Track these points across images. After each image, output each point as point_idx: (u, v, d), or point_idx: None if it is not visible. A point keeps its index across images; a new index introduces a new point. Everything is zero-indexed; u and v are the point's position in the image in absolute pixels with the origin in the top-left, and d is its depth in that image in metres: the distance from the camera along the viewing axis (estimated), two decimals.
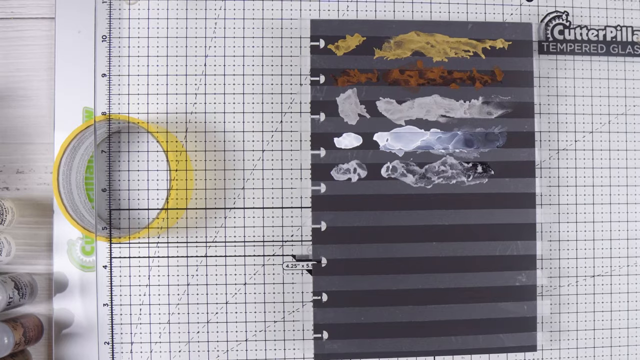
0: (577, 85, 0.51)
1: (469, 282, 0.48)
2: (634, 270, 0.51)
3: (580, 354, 0.50)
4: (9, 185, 0.48)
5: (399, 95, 0.49)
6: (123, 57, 0.48)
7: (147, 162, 0.48)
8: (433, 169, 0.49)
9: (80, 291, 0.47)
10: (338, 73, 0.49)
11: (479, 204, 0.49)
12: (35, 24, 0.49)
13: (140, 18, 0.49)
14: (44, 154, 0.48)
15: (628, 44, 0.51)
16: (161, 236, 0.48)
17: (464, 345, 0.48)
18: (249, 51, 0.49)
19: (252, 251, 0.48)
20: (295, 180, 0.49)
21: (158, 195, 0.48)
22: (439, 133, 0.49)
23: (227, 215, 0.48)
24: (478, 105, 0.49)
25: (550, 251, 0.50)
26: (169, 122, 0.48)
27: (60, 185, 0.44)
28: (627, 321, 0.50)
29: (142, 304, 0.48)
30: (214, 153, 0.49)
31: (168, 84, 0.48)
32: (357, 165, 0.49)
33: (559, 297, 0.50)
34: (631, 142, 0.51)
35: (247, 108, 0.49)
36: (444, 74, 0.49)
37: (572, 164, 0.50)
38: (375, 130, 0.49)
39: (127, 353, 0.47)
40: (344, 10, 0.50)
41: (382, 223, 0.48)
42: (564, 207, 0.50)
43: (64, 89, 0.48)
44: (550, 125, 0.50)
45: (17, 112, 0.49)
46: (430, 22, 0.50)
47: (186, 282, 0.48)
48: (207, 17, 0.49)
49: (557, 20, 0.50)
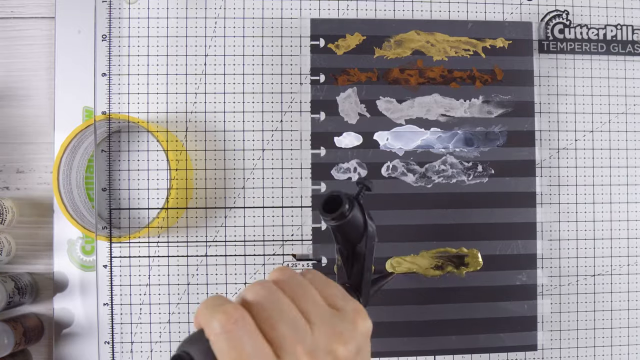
0: (577, 84, 0.51)
1: (469, 281, 0.48)
2: (634, 269, 0.50)
3: (581, 353, 0.50)
4: (9, 185, 0.48)
5: (399, 95, 0.49)
6: (123, 56, 0.48)
7: (147, 161, 0.48)
8: (433, 168, 0.49)
9: (81, 291, 0.47)
10: (338, 72, 0.49)
11: (479, 203, 0.49)
12: (35, 24, 0.49)
13: (140, 18, 0.48)
14: (44, 154, 0.48)
15: (628, 43, 0.51)
16: (161, 236, 0.48)
17: (464, 344, 0.48)
18: (249, 51, 0.49)
19: (252, 250, 0.48)
20: (295, 179, 0.49)
21: (158, 194, 0.48)
22: (439, 132, 0.49)
23: (227, 215, 0.48)
24: (478, 105, 0.49)
25: (550, 250, 0.50)
26: (169, 121, 0.48)
27: (61, 185, 0.44)
28: (627, 320, 0.50)
29: (142, 304, 0.48)
30: (214, 153, 0.49)
31: (168, 83, 0.48)
32: (357, 165, 0.49)
33: (560, 296, 0.50)
34: (631, 141, 0.51)
35: (247, 108, 0.49)
36: (444, 73, 0.49)
37: (572, 163, 0.50)
38: (376, 129, 0.49)
39: (127, 353, 0.47)
40: (344, 10, 0.50)
41: (382, 222, 0.48)
42: (564, 206, 0.50)
43: (64, 89, 0.48)
44: (550, 124, 0.50)
45: (17, 112, 0.49)
46: (430, 21, 0.50)
47: (186, 281, 0.48)
48: (207, 17, 0.49)
49: (557, 19, 0.50)
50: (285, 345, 0.25)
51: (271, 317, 0.26)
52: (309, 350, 0.26)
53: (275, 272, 0.29)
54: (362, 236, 0.35)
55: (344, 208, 0.33)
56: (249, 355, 0.25)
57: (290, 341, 0.26)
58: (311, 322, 0.27)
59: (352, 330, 0.28)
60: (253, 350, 0.25)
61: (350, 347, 0.27)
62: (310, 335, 0.26)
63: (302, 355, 0.25)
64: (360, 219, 0.35)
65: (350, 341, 0.27)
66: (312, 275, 0.30)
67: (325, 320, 0.27)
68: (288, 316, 0.26)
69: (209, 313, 0.26)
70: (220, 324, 0.25)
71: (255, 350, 0.25)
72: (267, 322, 0.26)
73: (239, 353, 0.25)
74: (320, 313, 0.28)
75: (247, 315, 0.26)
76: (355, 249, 0.36)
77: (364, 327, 0.29)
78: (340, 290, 0.30)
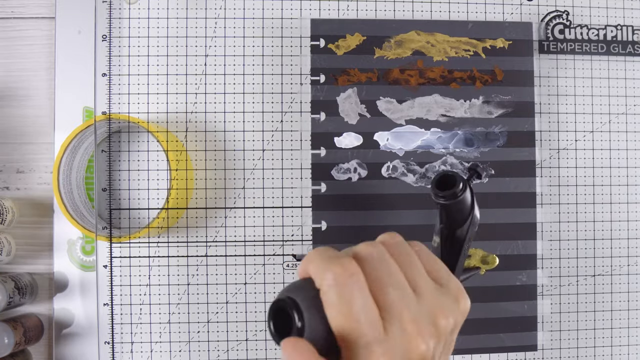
0: (578, 84, 0.51)
1: (469, 281, 0.48)
2: (634, 269, 0.51)
3: (581, 354, 0.50)
4: (9, 185, 0.48)
5: (400, 95, 0.49)
6: (123, 56, 0.48)
7: (147, 161, 0.48)
8: (433, 168, 0.49)
9: (81, 291, 0.47)
10: (338, 72, 0.49)
11: (479, 204, 0.49)
12: (35, 24, 0.49)
13: (140, 18, 0.48)
14: (44, 154, 0.48)
15: (628, 43, 0.51)
16: (161, 236, 0.48)
17: (464, 344, 0.48)
18: (249, 51, 0.49)
19: (253, 251, 0.48)
20: (295, 179, 0.49)
21: (158, 195, 0.48)
22: (440, 132, 0.49)
23: (227, 215, 0.48)
24: (478, 105, 0.49)
25: (550, 250, 0.50)
26: (169, 121, 0.48)
27: (61, 185, 0.44)
28: (627, 321, 0.50)
29: (142, 304, 0.48)
30: (214, 153, 0.49)
31: (168, 83, 0.48)
32: (357, 165, 0.49)
33: (560, 296, 0.50)
34: (631, 141, 0.51)
35: (247, 108, 0.49)
36: (444, 73, 0.49)
37: (572, 164, 0.50)
38: (376, 129, 0.49)
39: (127, 353, 0.47)
40: (344, 10, 0.50)
41: (382, 222, 0.48)
42: (565, 206, 0.50)
43: (64, 89, 0.48)
44: (550, 124, 0.50)
45: (17, 112, 0.49)
46: (430, 22, 0.50)
47: (186, 282, 0.48)
48: (207, 17, 0.49)
49: (558, 20, 0.50)
50: (392, 309, 0.26)
51: (381, 278, 0.26)
52: (413, 317, 0.26)
53: (385, 235, 0.30)
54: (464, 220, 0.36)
55: (457, 188, 0.33)
56: (358, 312, 0.25)
57: (397, 306, 0.26)
58: (417, 291, 0.27)
59: (454, 306, 0.28)
60: (362, 307, 0.25)
61: (450, 321, 0.28)
62: (416, 303, 0.27)
63: (408, 321, 0.26)
64: (468, 203, 0.35)
65: (450, 315, 0.28)
66: (419, 247, 0.30)
67: (430, 291, 0.28)
68: (397, 281, 0.27)
69: (324, 263, 0.26)
70: (334, 276, 0.25)
71: (364, 308, 0.25)
72: (377, 283, 0.26)
73: (349, 307, 0.25)
74: (425, 284, 0.28)
75: (361, 272, 0.26)
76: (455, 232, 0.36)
77: (464, 305, 0.29)
78: (444, 267, 0.30)
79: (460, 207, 0.35)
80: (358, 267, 0.26)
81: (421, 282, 0.28)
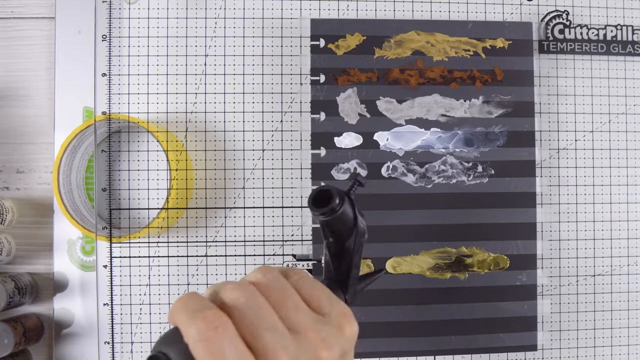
0: (577, 84, 0.51)
1: (469, 281, 0.48)
2: (634, 269, 0.51)
3: (581, 354, 0.50)
4: (9, 185, 0.48)
5: (399, 95, 0.49)
6: (123, 56, 0.48)
7: (147, 161, 0.48)
8: (433, 168, 0.49)
9: (81, 291, 0.47)
10: (338, 72, 0.49)
11: (479, 204, 0.49)
12: (35, 24, 0.49)
13: (140, 18, 0.48)
14: (44, 154, 0.48)
15: (628, 43, 0.51)
16: (161, 236, 0.48)
17: (464, 344, 0.48)
18: (249, 51, 0.49)
19: (253, 251, 0.48)
20: (295, 179, 0.49)
21: (158, 195, 0.48)
22: (439, 132, 0.49)
23: (227, 215, 0.48)
24: (478, 105, 0.49)
25: (550, 251, 0.50)
26: (169, 121, 0.48)
27: (61, 185, 0.44)
28: (627, 320, 0.50)
29: (142, 304, 0.48)
30: (214, 153, 0.49)
31: (168, 83, 0.48)
32: (357, 165, 0.49)
33: (560, 296, 0.50)
34: (631, 141, 0.51)
35: (247, 108, 0.49)
36: (444, 73, 0.49)
37: (572, 164, 0.50)
38: (376, 129, 0.49)
39: (127, 353, 0.47)
40: (344, 10, 0.50)
41: (382, 222, 0.48)
42: (564, 206, 0.50)
43: (64, 89, 0.48)
44: (550, 124, 0.50)
45: (17, 112, 0.49)
46: (430, 22, 0.50)
47: (186, 282, 0.48)
48: (207, 17, 0.49)
49: (558, 20, 0.50)
50: (268, 353, 0.25)
51: (252, 323, 0.25)
52: (292, 358, 0.25)
53: (257, 272, 0.28)
54: (351, 232, 0.35)
55: (334, 203, 0.32)
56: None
57: (273, 348, 0.25)
58: (294, 329, 0.26)
59: (338, 334, 0.27)
60: (235, 358, 0.24)
61: (334, 352, 0.27)
62: (294, 342, 0.26)
63: None
64: (350, 215, 0.34)
65: (334, 346, 0.27)
66: (298, 276, 0.29)
67: (309, 326, 0.27)
68: (270, 323, 0.26)
69: (187, 318, 0.25)
70: (198, 332, 0.24)
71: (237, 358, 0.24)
72: (249, 329, 0.25)
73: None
74: (303, 318, 0.27)
75: (229, 321, 0.25)
76: (344, 245, 0.35)
77: (350, 331, 0.28)
78: (326, 292, 0.29)
79: (343, 221, 0.34)
80: (224, 317, 0.25)
81: (298, 318, 0.27)
